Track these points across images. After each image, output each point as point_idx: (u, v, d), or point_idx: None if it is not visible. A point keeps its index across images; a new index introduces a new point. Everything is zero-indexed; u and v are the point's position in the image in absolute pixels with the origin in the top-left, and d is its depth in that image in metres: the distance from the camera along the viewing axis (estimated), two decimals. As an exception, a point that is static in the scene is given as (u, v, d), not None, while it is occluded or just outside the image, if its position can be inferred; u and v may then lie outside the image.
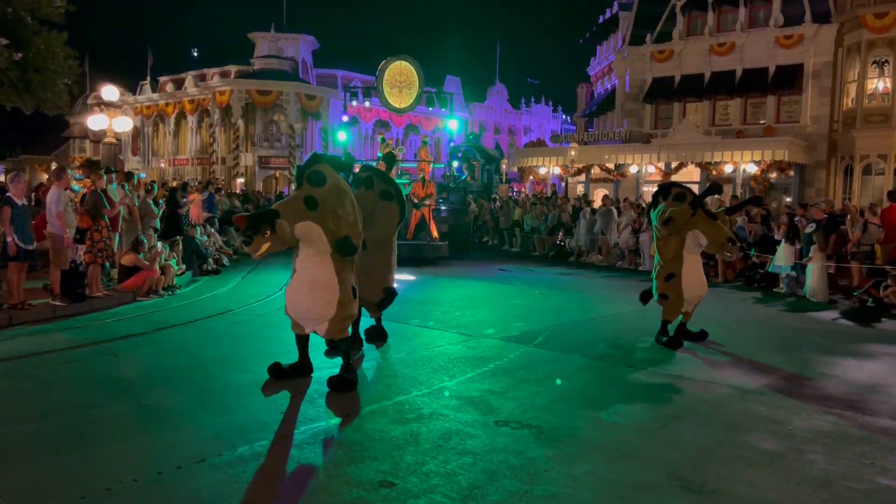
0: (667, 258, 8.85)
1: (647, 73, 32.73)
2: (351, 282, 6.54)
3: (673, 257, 8.79)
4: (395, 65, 20.96)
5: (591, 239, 19.82)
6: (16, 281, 9.47)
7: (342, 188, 6.49)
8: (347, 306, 6.48)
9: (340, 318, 6.47)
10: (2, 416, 5.59)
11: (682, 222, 8.63)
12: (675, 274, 8.74)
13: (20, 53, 14.22)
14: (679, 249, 8.74)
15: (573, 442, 5.30)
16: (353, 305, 6.62)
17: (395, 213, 8.02)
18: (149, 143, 53.39)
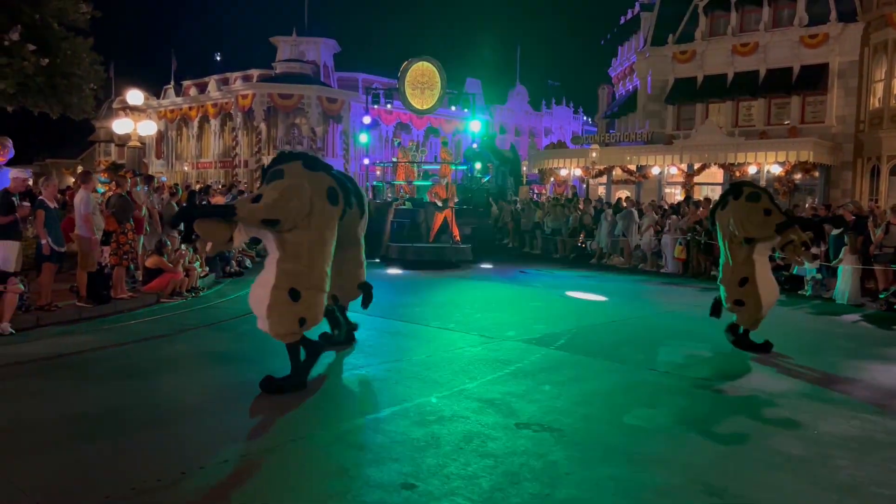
0: (738, 261, 8.49)
1: (669, 74, 32.50)
2: (294, 284, 6.38)
3: (744, 260, 8.44)
4: (417, 66, 20.99)
5: (613, 241, 19.71)
6: (48, 282, 9.63)
7: (296, 185, 6.42)
8: (280, 308, 6.36)
9: (278, 321, 6.41)
10: (30, 415, 5.68)
11: (761, 235, 8.29)
12: (748, 278, 8.39)
13: (47, 59, 14.44)
14: (750, 252, 8.41)
15: (595, 445, 5.27)
16: (295, 307, 6.38)
17: (356, 210, 8.11)
18: (172, 146, 53.97)
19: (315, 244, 6.52)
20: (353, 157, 46.93)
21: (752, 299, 8.40)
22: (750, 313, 8.49)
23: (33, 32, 14.32)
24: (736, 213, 8.48)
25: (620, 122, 39.03)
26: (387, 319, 10.28)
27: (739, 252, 8.48)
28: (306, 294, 6.43)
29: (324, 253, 6.63)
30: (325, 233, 6.61)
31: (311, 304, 6.50)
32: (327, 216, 6.59)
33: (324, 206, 6.54)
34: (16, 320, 8.75)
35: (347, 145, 46.95)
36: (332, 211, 6.65)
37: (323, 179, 6.66)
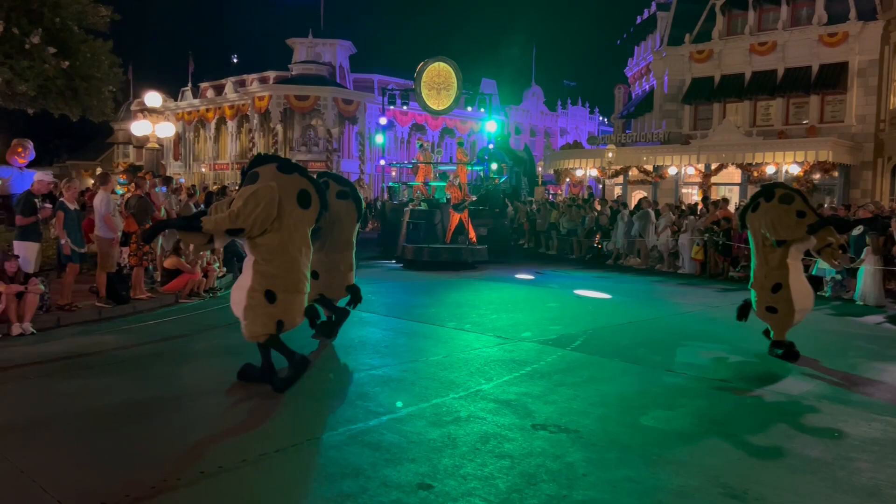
0: (772, 266, 8.22)
1: (685, 74, 32.32)
2: (270, 286, 6.42)
3: (778, 265, 8.15)
4: (433, 66, 21.00)
5: (629, 241, 19.61)
6: (69, 283, 9.75)
7: (268, 187, 6.43)
8: (259, 310, 6.43)
9: (253, 321, 6.48)
10: (51, 413, 5.74)
11: (793, 237, 8.06)
12: (782, 284, 8.11)
13: (67, 62, 14.62)
14: (784, 257, 8.13)
15: (612, 447, 5.25)
16: (271, 309, 6.43)
17: (353, 211, 8.54)
18: (190, 147, 54.39)
19: (287, 246, 6.54)
20: (368, 158, 47.08)
21: (786, 306, 8.14)
22: (782, 320, 8.25)
23: (54, 35, 14.51)
24: (767, 215, 8.22)
25: (637, 122, 38.86)
26: (402, 320, 10.30)
27: (773, 256, 8.21)
28: (282, 296, 6.48)
29: (298, 255, 6.63)
30: (295, 235, 6.59)
31: (288, 306, 6.54)
32: (296, 219, 6.59)
33: (293, 210, 6.55)
34: (37, 320, 8.86)
35: (363, 146, 47.10)
36: (302, 214, 6.63)
37: (295, 182, 6.64)
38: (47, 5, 14.59)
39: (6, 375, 6.88)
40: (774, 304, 8.24)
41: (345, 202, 8.52)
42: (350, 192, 8.66)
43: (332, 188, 8.48)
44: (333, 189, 8.50)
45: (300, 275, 6.63)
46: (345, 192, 8.59)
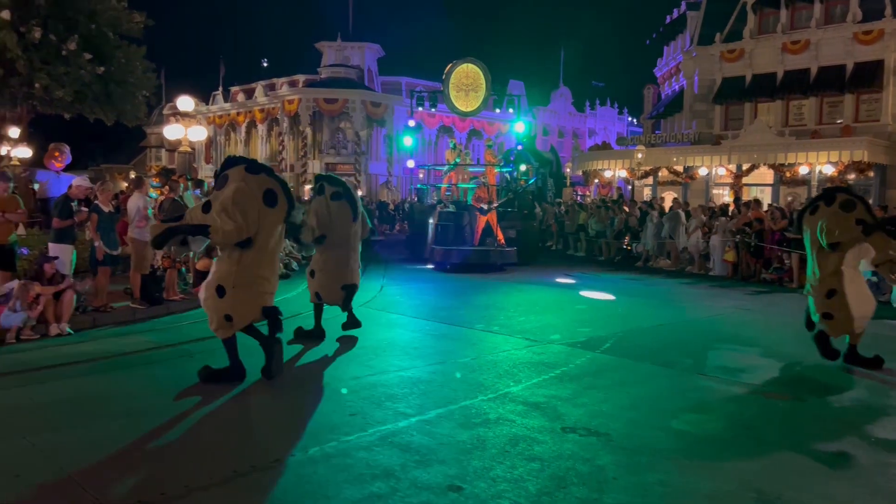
0: (826, 273, 7.99)
1: (716, 74, 31.98)
2: (220, 281, 6.59)
3: (833, 272, 7.93)
4: (461, 67, 20.99)
5: (659, 243, 19.44)
6: (103, 285, 9.93)
7: (239, 189, 6.56)
8: (210, 303, 6.64)
9: (211, 316, 6.70)
10: (89, 413, 5.86)
11: (847, 238, 7.82)
12: (836, 290, 7.90)
13: (102, 67, 14.92)
14: (839, 263, 7.89)
15: (643, 450, 5.21)
16: (220, 304, 6.58)
17: (347, 211, 8.68)
18: (221, 151, 55.08)
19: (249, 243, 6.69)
20: (396, 161, 47.26)
21: (842, 312, 7.88)
22: (840, 326, 8.00)
23: (89, 42, 14.83)
24: (825, 220, 7.95)
25: (666, 122, 38.54)
26: (430, 322, 10.33)
27: (828, 262, 7.97)
28: (231, 291, 6.60)
29: (257, 253, 6.71)
30: (261, 234, 6.69)
31: (237, 301, 6.62)
32: (262, 216, 6.68)
33: (260, 208, 6.67)
34: (74, 321, 9.05)
35: (391, 149, 47.30)
36: (268, 212, 6.73)
37: (262, 182, 6.76)
38: (83, 12, 14.92)
39: (45, 375, 7.03)
40: (829, 311, 8.02)
41: (338, 203, 8.71)
42: (343, 192, 8.82)
43: (327, 190, 8.73)
44: (328, 191, 8.74)
45: (256, 272, 6.73)
46: (338, 192, 8.77)
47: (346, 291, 8.85)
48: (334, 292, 8.82)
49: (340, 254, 8.81)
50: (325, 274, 8.79)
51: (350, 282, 8.89)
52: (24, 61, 13.62)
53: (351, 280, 8.91)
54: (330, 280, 8.77)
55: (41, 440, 5.15)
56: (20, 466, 4.70)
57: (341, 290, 8.82)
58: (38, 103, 15.48)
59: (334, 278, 8.79)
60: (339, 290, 8.81)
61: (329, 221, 8.64)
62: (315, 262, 8.96)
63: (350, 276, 8.90)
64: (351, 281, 8.91)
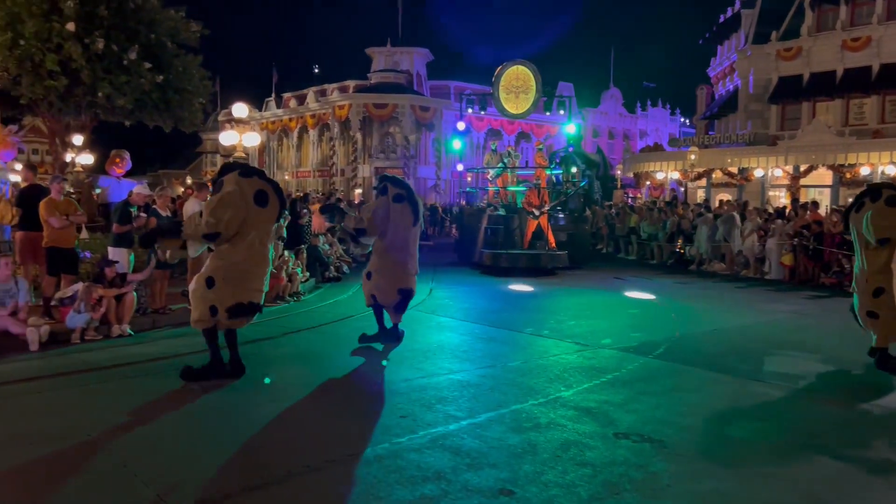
0: (874, 269, 7.81)
1: (772, 73, 31.24)
2: (212, 273, 6.82)
3: (881, 269, 7.68)
4: (511, 70, 20.94)
5: (714, 246, 19.04)
6: (160, 287, 10.23)
7: (229, 192, 6.82)
8: (198, 293, 6.83)
9: (194, 307, 6.90)
10: (149, 411, 6.04)
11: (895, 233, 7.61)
12: (884, 289, 7.65)
13: (161, 76, 15.36)
14: (889, 260, 7.61)
15: (698, 457, 5.12)
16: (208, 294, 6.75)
17: (408, 214, 8.56)
18: (274, 156, 56.13)
19: (238, 240, 6.86)
20: (444, 164, 47.42)
21: (889, 312, 7.64)
22: (884, 327, 7.77)
23: (149, 52, 15.30)
24: (872, 216, 7.79)
25: (720, 123, 37.79)
26: (480, 325, 10.33)
27: (876, 259, 7.77)
28: (220, 283, 6.81)
29: (250, 251, 6.91)
30: (251, 232, 6.90)
31: (223, 294, 6.80)
32: (253, 216, 6.88)
33: (251, 208, 6.87)
34: (134, 322, 9.34)
35: (439, 152, 47.50)
36: (259, 211, 6.92)
37: (253, 184, 6.97)
38: (143, 23, 15.39)
39: (108, 374, 7.27)
40: (875, 309, 7.82)
41: (400, 205, 8.63)
42: (406, 194, 8.74)
43: (390, 191, 8.67)
44: (391, 192, 8.66)
45: (247, 268, 6.93)
46: (401, 195, 8.69)
47: (401, 295, 8.67)
48: (390, 295, 8.67)
49: (398, 257, 8.68)
50: (382, 276, 8.65)
51: (406, 286, 8.70)
52: (88, 71, 14.12)
53: (407, 284, 8.71)
54: (386, 282, 8.63)
55: (105, 437, 5.32)
56: (85, 463, 4.87)
57: (397, 293, 8.65)
58: (101, 111, 16.02)
59: (391, 281, 8.64)
60: (395, 293, 8.64)
61: (387, 222, 8.55)
62: (372, 264, 8.84)
63: (407, 280, 8.71)
64: (407, 285, 8.71)
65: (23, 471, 4.71)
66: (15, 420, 5.77)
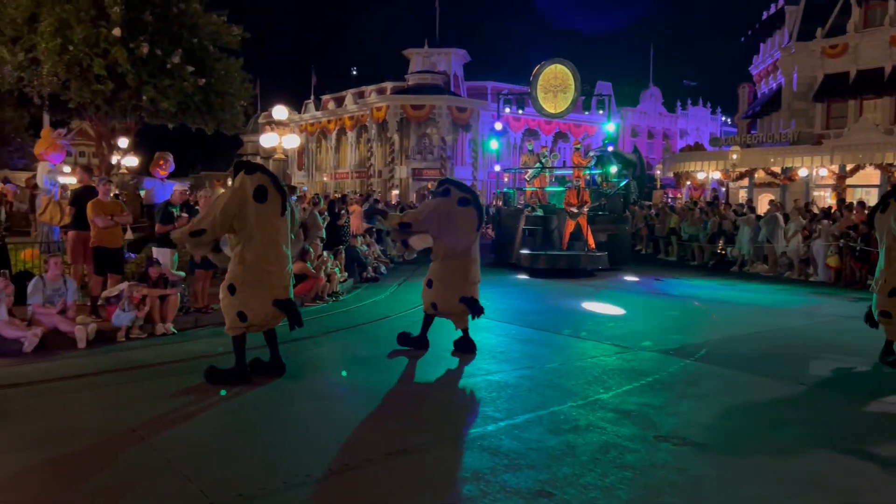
0: (892, 270, 7.80)
1: (817, 70, 30.55)
2: (231, 280, 6.89)
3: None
4: (549, 69, 20.81)
5: (756, 247, 18.68)
6: (202, 287, 10.41)
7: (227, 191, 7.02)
8: (225, 302, 6.95)
9: (226, 315, 6.96)
10: (193, 408, 6.16)
11: None
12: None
13: (204, 79, 15.60)
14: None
15: (741, 462, 5.03)
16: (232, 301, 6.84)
17: (473, 219, 8.26)
18: (312, 158, 56.71)
19: (248, 241, 6.86)
20: (481, 165, 47.39)
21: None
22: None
23: (192, 55, 15.53)
24: (893, 215, 7.78)
25: (763, 121, 37.11)
26: (517, 326, 10.30)
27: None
28: (241, 288, 6.83)
29: (258, 249, 6.87)
30: (259, 231, 6.86)
31: (246, 297, 6.82)
32: (254, 213, 6.86)
33: (251, 205, 6.84)
34: (177, 321, 9.53)
35: (476, 153, 47.48)
36: (260, 208, 6.88)
37: (254, 180, 6.95)
38: (186, 27, 15.64)
39: (153, 372, 7.44)
40: (889, 309, 7.78)
41: (465, 209, 8.29)
42: (472, 199, 8.43)
43: (454, 194, 8.38)
44: (455, 195, 8.36)
45: (263, 267, 6.90)
46: (466, 198, 8.36)
47: (465, 305, 8.22)
48: (451, 304, 8.27)
49: (461, 263, 8.29)
50: (444, 283, 8.26)
51: (469, 294, 8.27)
52: (133, 75, 14.40)
53: (469, 292, 8.28)
54: (449, 291, 8.24)
55: (150, 432, 5.44)
56: (131, 457, 4.99)
57: (459, 302, 8.22)
58: (146, 114, 16.34)
59: (453, 289, 8.24)
60: (456, 301, 8.21)
61: (445, 224, 8.20)
62: (433, 272, 8.45)
63: (469, 288, 8.30)
64: (469, 293, 8.28)
65: (71, 464, 4.84)
66: (63, 415, 5.94)
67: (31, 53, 14.46)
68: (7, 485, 4.52)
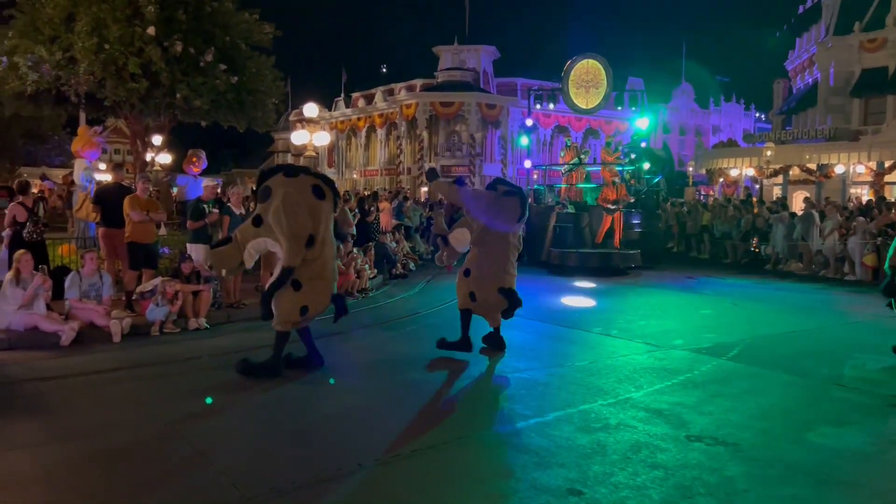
0: None
1: (854, 65, 29.90)
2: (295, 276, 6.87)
3: None
4: (581, 64, 20.61)
5: (791, 245, 18.35)
6: (233, 282, 10.53)
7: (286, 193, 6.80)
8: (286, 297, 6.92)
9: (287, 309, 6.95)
10: (226, 402, 6.23)
11: None
12: None
13: (236, 77, 15.76)
14: None
15: (775, 463, 4.95)
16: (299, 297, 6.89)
17: (516, 207, 8.14)
18: (342, 155, 57.03)
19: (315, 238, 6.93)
20: (510, 162, 47.24)
21: None
22: None
23: (224, 54, 15.69)
24: None
25: (798, 117, 36.44)
26: (546, 324, 10.25)
27: None
28: (307, 284, 6.95)
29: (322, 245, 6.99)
30: (319, 227, 6.96)
31: (313, 292, 6.97)
32: (316, 211, 6.94)
33: (313, 202, 6.91)
34: (210, 316, 9.64)
35: (505, 150, 47.33)
36: (320, 205, 6.99)
37: (305, 181, 7.04)
38: (218, 25, 15.80)
39: (186, 366, 7.55)
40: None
41: (510, 199, 8.14)
42: (517, 191, 8.35)
43: (500, 189, 8.29)
44: (501, 189, 8.28)
45: (325, 261, 7.07)
46: (512, 191, 8.27)
47: (502, 295, 7.97)
48: (490, 293, 8.01)
49: (500, 252, 8.12)
50: (482, 271, 8.04)
51: (507, 285, 8.04)
52: (167, 74, 14.60)
53: (508, 283, 8.06)
54: (488, 279, 7.98)
55: (183, 427, 5.52)
56: (164, 450, 5.07)
57: (497, 292, 7.98)
58: (179, 112, 16.55)
59: (492, 278, 8.01)
60: (494, 291, 7.98)
61: (495, 214, 8.05)
62: (470, 260, 8.26)
63: (507, 279, 8.09)
64: (508, 284, 8.06)
65: (106, 456, 4.93)
66: (99, 408, 6.05)
67: (68, 52, 14.73)
68: (44, 476, 4.61)
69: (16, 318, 8.27)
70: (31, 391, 6.52)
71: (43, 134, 39.58)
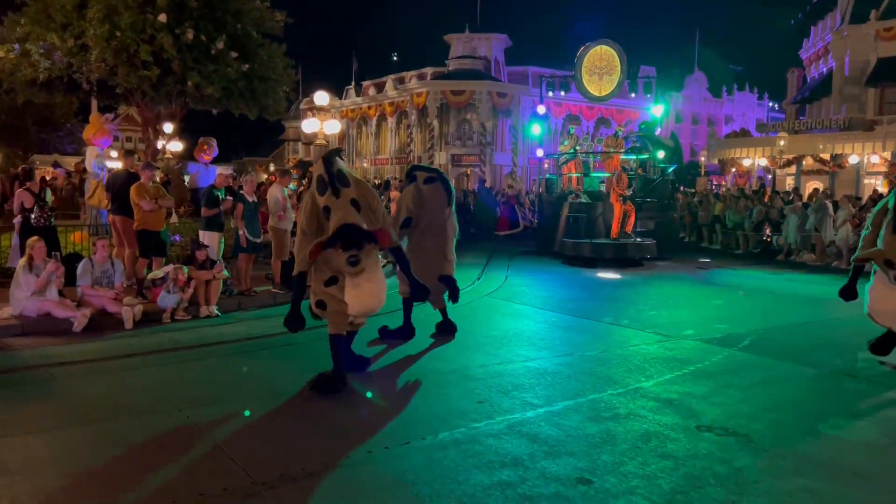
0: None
1: (870, 54, 29.55)
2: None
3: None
4: (594, 50, 20.42)
5: (804, 236, 18.21)
6: (244, 270, 10.56)
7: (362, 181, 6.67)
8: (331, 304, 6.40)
9: None
10: (237, 390, 6.26)
11: None
12: None
13: (247, 65, 15.77)
14: None
15: (786, 454, 4.93)
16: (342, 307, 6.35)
17: (442, 194, 8.11)
18: (353, 144, 56.97)
19: None
20: (521, 151, 47.04)
21: None
22: None
23: (235, 41, 15.71)
24: None
25: (812, 107, 36.12)
26: (557, 313, 10.23)
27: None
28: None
29: None
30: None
31: None
32: None
33: None
34: (221, 304, 9.68)
35: (516, 139, 47.14)
36: None
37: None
38: (230, 13, 15.81)
39: (197, 353, 7.59)
40: None
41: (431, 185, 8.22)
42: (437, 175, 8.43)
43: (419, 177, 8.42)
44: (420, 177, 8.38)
45: None
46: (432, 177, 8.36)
47: (443, 283, 8.09)
48: (429, 284, 7.73)
49: (436, 243, 8.20)
50: (420, 263, 7.87)
51: (446, 273, 8.19)
52: (179, 61, 14.62)
53: (447, 271, 8.20)
54: (425, 270, 7.83)
55: (195, 414, 5.55)
56: (176, 435, 5.10)
57: (438, 280, 8.05)
58: (190, 100, 16.58)
59: (429, 269, 8.02)
60: (435, 281, 8.00)
61: (421, 207, 8.11)
62: (409, 251, 8.07)
63: (446, 267, 8.21)
64: (447, 272, 8.19)
65: (118, 441, 4.96)
66: (111, 394, 6.09)
67: (80, 40, 14.77)
68: (56, 461, 4.65)
69: (29, 304, 8.33)
70: (44, 376, 6.58)
71: (55, 121, 39.73)
